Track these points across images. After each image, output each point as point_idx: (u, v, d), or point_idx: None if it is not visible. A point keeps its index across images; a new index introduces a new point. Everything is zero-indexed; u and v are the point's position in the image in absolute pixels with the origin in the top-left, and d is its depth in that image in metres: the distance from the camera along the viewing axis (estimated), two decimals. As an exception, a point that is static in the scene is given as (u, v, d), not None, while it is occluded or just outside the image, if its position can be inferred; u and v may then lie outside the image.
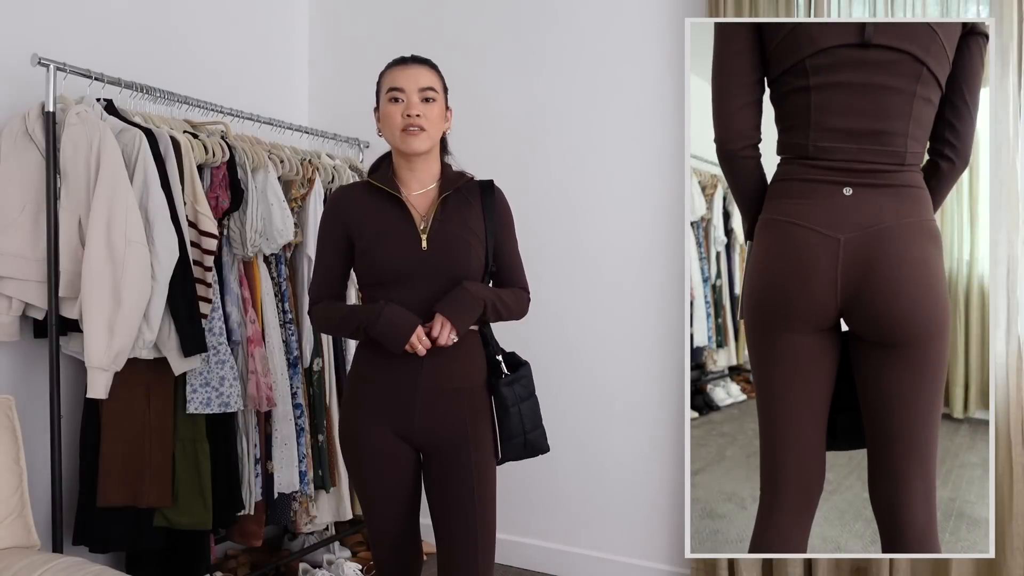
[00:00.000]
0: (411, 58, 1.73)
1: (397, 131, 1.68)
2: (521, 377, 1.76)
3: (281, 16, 3.37)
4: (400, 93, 1.67)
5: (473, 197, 1.76)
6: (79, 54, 2.38)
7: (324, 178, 2.87)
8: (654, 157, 2.81)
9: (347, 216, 1.73)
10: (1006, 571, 2.28)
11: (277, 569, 2.86)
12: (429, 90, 1.68)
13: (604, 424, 2.88)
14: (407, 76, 1.68)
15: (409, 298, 1.66)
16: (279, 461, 2.61)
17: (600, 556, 2.92)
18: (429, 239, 1.68)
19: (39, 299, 2.17)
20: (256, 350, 2.49)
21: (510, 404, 1.72)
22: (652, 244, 2.82)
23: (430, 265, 1.67)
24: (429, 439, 1.71)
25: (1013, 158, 2.25)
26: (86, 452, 2.26)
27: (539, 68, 3.02)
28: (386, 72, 1.74)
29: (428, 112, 1.68)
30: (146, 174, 2.17)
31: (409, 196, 1.73)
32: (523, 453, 1.76)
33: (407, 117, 1.66)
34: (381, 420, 1.70)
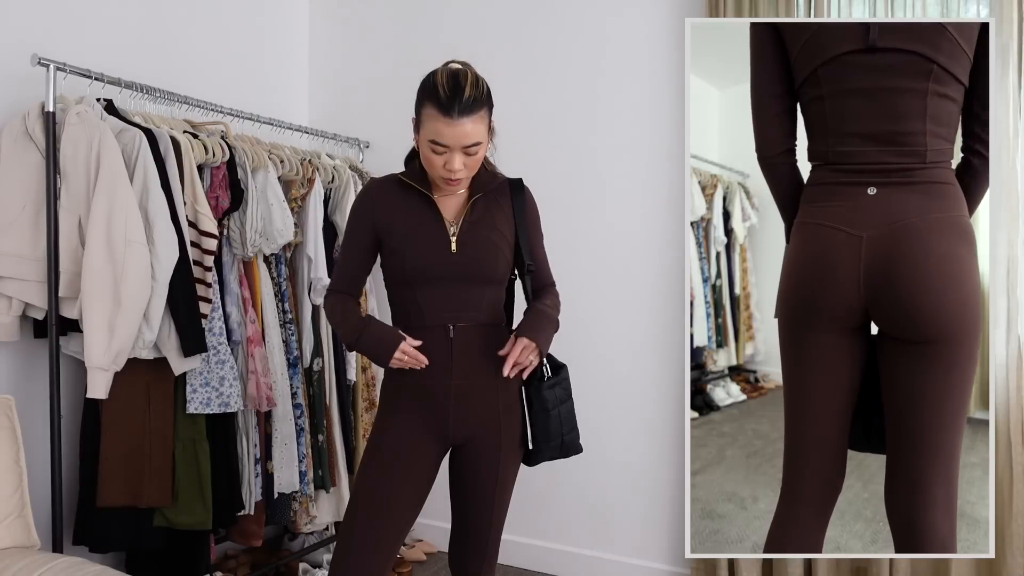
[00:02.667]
0: (458, 103, 1.54)
1: (437, 176, 1.64)
2: (562, 380, 1.75)
3: (281, 16, 3.37)
4: (443, 148, 1.58)
5: (503, 197, 1.76)
6: (79, 54, 2.38)
7: (324, 178, 2.87)
8: (654, 157, 2.81)
9: (377, 212, 1.72)
10: (1006, 571, 2.28)
11: (277, 569, 2.86)
12: (474, 145, 1.59)
13: (604, 424, 2.88)
14: (452, 134, 1.55)
15: (436, 300, 1.66)
16: (279, 461, 2.61)
17: (600, 556, 2.92)
18: (459, 242, 1.67)
19: (39, 299, 2.17)
20: (256, 350, 2.49)
21: (551, 407, 1.71)
22: (652, 244, 2.82)
23: (459, 268, 1.66)
24: (462, 433, 1.71)
25: (1013, 158, 2.25)
26: (86, 452, 2.26)
27: (539, 68, 3.02)
28: (429, 113, 1.57)
29: (470, 163, 1.62)
30: (146, 174, 2.17)
31: (440, 197, 1.72)
32: (559, 454, 1.76)
33: (448, 171, 1.60)
34: (415, 421, 1.70)
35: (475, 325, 1.69)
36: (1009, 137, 2.24)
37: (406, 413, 1.70)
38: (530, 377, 1.73)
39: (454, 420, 1.69)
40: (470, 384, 1.69)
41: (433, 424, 1.70)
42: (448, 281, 1.67)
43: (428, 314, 1.67)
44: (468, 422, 1.70)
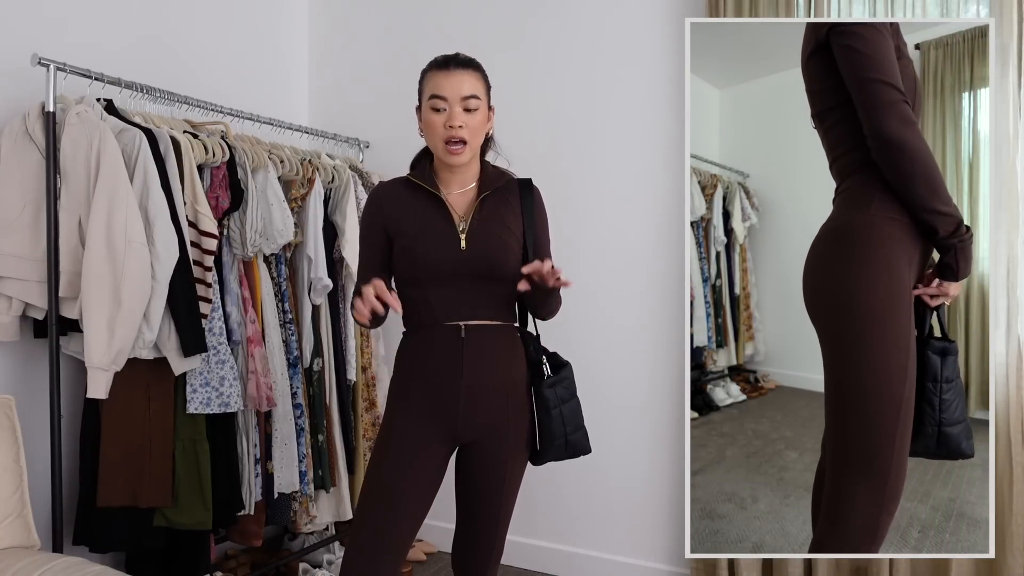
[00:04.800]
0: (454, 60, 1.68)
1: (440, 142, 1.67)
2: (563, 379, 1.75)
3: (281, 16, 3.37)
4: (442, 102, 1.64)
5: (512, 196, 1.77)
6: (79, 54, 2.38)
7: (324, 178, 2.87)
8: (654, 157, 2.81)
9: (386, 214, 1.73)
10: (1006, 571, 2.28)
11: (277, 569, 2.86)
12: (472, 98, 1.65)
13: (604, 424, 2.87)
14: (450, 84, 1.65)
15: (446, 298, 1.67)
16: (279, 461, 2.61)
17: (600, 556, 2.92)
18: (468, 239, 1.68)
19: (39, 299, 2.17)
20: (256, 350, 2.49)
21: (552, 406, 1.72)
22: (652, 244, 2.82)
23: (468, 265, 1.67)
24: (471, 432, 1.71)
25: (1013, 158, 2.25)
26: (86, 452, 2.26)
27: (539, 68, 3.02)
28: (428, 74, 1.69)
29: (470, 122, 1.66)
30: (146, 174, 2.17)
31: (449, 195, 1.73)
32: (564, 454, 1.76)
33: (449, 129, 1.65)
34: (425, 419, 1.69)
35: (486, 325, 1.69)
36: (1009, 137, 2.24)
37: (415, 412, 1.70)
38: (532, 375, 1.74)
39: (463, 420, 1.69)
40: (480, 384, 1.68)
41: (442, 424, 1.69)
42: (458, 279, 1.67)
43: (439, 313, 1.68)
44: (477, 422, 1.70)
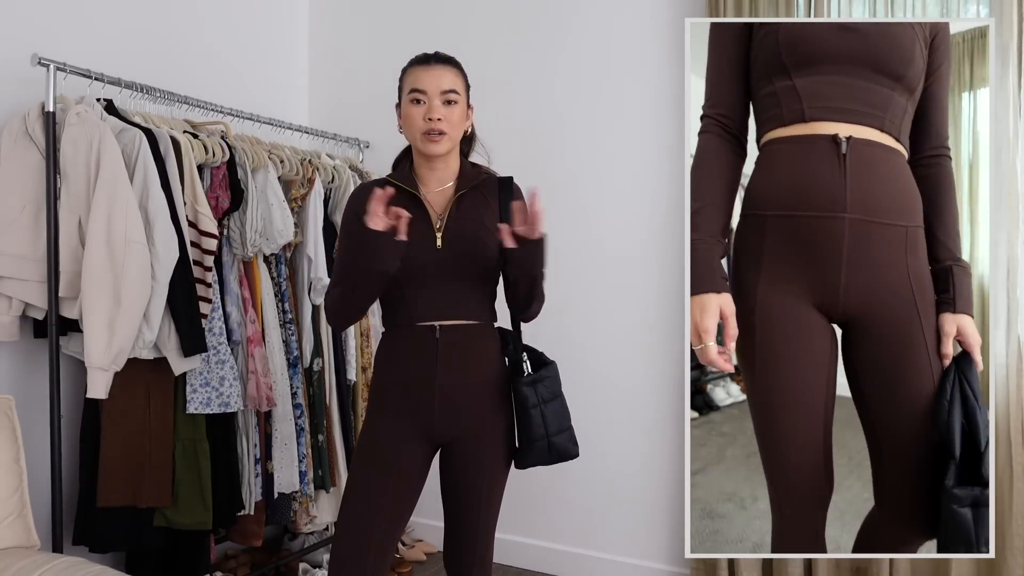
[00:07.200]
0: (434, 56, 1.71)
1: (418, 134, 1.68)
2: (544, 378, 1.73)
3: (281, 16, 3.37)
4: (422, 95, 1.66)
5: (491, 194, 1.76)
6: (79, 54, 2.37)
7: (324, 178, 2.87)
8: (654, 157, 2.81)
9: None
10: (1006, 571, 2.28)
11: (277, 569, 2.86)
12: (451, 92, 1.67)
13: (604, 424, 2.88)
14: (429, 78, 1.67)
15: (424, 296, 1.67)
16: (279, 461, 2.61)
17: (600, 556, 2.92)
18: (443, 237, 1.68)
19: (39, 299, 2.17)
20: (256, 350, 2.49)
21: (531, 404, 1.69)
22: (652, 243, 2.82)
23: (445, 263, 1.67)
24: (448, 433, 1.70)
25: (1013, 158, 2.25)
26: (86, 452, 2.26)
27: (539, 68, 3.02)
28: (408, 70, 1.72)
29: (449, 115, 1.67)
30: (146, 174, 2.17)
31: (427, 194, 1.73)
32: (548, 458, 1.71)
33: (428, 121, 1.66)
34: (402, 419, 1.69)
35: (461, 324, 1.69)
36: (1009, 137, 2.24)
37: (393, 412, 1.70)
38: (512, 373, 1.73)
39: (440, 420, 1.69)
40: (455, 385, 1.68)
41: (419, 424, 1.69)
42: (435, 278, 1.67)
43: (415, 313, 1.68)
44: (454, 422, 1.69)
